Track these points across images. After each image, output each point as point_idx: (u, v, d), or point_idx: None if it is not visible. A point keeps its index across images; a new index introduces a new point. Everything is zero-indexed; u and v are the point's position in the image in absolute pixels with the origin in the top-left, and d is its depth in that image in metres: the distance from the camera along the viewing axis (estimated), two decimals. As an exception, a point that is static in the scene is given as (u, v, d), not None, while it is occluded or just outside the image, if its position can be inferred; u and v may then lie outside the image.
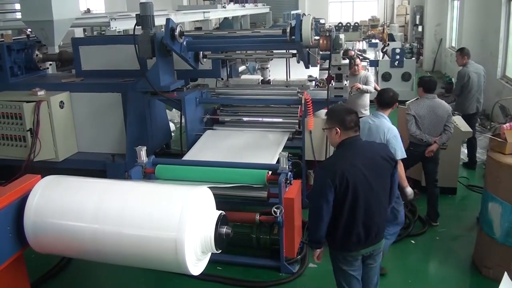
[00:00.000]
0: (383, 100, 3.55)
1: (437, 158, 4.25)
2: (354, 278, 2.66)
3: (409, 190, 3.48)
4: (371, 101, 5.38)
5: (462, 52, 5.48)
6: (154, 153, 4.46)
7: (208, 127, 4.92)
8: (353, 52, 5.43)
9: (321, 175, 2.50)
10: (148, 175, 3.67)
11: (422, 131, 4.17)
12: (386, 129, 3.42)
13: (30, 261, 2.78)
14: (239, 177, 3.51)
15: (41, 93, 4.52)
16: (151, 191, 2.38)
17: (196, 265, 2.27)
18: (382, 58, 9.63)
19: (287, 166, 3.48)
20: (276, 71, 5.35)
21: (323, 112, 4.65)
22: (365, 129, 3.47)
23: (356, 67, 5.53)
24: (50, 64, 5.63)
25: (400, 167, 3.38)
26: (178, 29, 4.16)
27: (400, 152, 3.34)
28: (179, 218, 2.13)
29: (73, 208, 2.30)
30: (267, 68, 5.08)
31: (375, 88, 5.49)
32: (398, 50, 8.60)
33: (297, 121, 4.74)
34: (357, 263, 2.65)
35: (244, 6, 13.48)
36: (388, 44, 10.40)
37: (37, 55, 5.31)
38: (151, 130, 5.02)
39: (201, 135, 4.73)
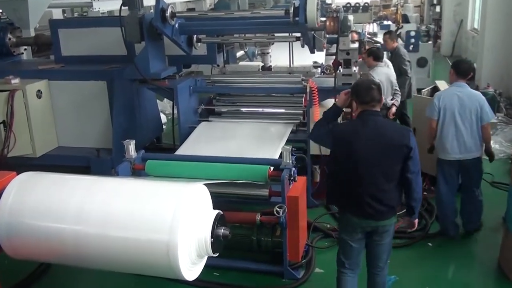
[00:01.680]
0: (462, 70, 3.93)
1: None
2: (351, 248, 3.02)
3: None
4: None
5: (391, 35, 6.16)
6: (143, 147, 4.52)
7: (203, 118, 4.92)
8: (355, 35, 5.42)
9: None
10: (137, 172, 3.68)
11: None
12: (478, 95, 3.89)
13: (3, 268, 2.77)
14: (238, 173, 3.51)
15: (15, 81, 4.46)
16: (140, 188, 2.38)
17: (190, 269, 2.27)
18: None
19: (290, 161, 3.47)
20: (278, 56, 5.33)
21: (330, 102, 4.58)
22: (455, 101, 3.85)
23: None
24: (25, 49, 5.57)
25: (487, 130, 3.85)
26: (169, 10, 4.13)
27: (491, 114, 3.85)
28: (172, 218, 2.12)
29: (52, 208, 2.27)
30: (268, 53, 5.08)
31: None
32: (413, 33, 8.55)
33: (302, 111, 4.73)
34: (357, 236, 2.98)
35: (242, -16, 13.76)
36: (402, 26, 10.33)
37: (9, 39, 5.25)
38: (140, 122, 5.04)
39: (195, 127, 4.73)
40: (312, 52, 4.59)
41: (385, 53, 5.99)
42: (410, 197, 2.93)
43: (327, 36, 4.43)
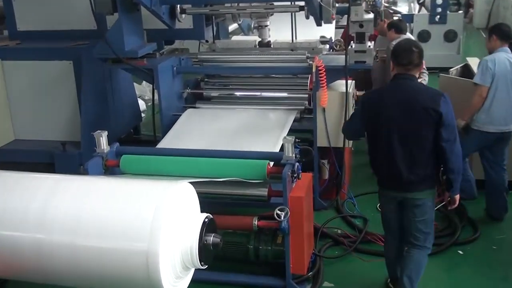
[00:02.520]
0: (505, 33, 4.26)
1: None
2: (388, 220, 3.49)
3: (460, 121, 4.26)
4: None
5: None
6: (118, 140, 4.51)
7: (189, 105, 4.99)
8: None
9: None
10: (110, 169, 3.72)
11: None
12: None
13: None
14: (231, 169, 3.55)
15: (-41, 61, 4.68)
16: (114, 189, 2.37)
17: (175, 285, 2.24)
18: (419, 11, 9.55)
19: (293, 155, 3.51)
20: (279, 30, 5.36)
21: (340, 84, 4.68)
22: (507, 66, 4.18)
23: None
24: (-28, 24, 5.80)
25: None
26: (146, -26, 4.28)
27: None
28: (152, 224, 2.11)
29: (8, 213, 2.24)
30: (266, 26, 5.10)
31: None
32: (439, 1, 8.48)
33: (307, 95, 4.80)
34: (392, 206, 3.41)
35: None
36: (427, -8, 10.56)
37: (-50, 10, 5.43)
38: (113, 110, 5.12)
39: (180, 115, 4.79)
40: (318, 24, 4.61)
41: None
42: (446, 168, 3.18)
43: (337, 5, 4.47)
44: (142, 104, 6.91)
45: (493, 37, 4.31)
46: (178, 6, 4.69)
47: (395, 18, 6.27)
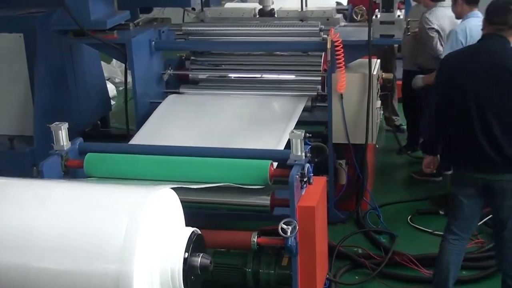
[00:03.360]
0: None
1: None
2: (461, 205, 3.61)
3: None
4: None
5: None
6: (81, 134, 4.60)
7: (171, 89, 5.03)
8: None
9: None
10: (72, 171, 3.70)
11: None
12: None
13: None
14: (224, 172, 3.55)
15: None
16: (76, 196, 2.38)
17: (152, 316, 2.34)
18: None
19: (303, 154, 3.49)
20: (284, -5, 5.62)
21: (362, 64, 4.70)
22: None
23: None
24: None
25: None
26: None
27: None
28: (124, 241, 2.12)
29: None
30: (269, -10, 5.35)
31: None
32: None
33: (320, 78, 4.85)
34: (468, 191, 3.57)
35: None
36: None
37: None
38: (75, 96, 5.11)
39: (160, 103, 4.82)
40: (334, -12, 4.87)
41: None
42: None
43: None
44: (111, 89, 6.91)
45: (458, 0, 4.70)
46: (157, -37, 4.95)
47: None
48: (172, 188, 2.47)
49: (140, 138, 4.37)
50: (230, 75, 5.23)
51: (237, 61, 5.19)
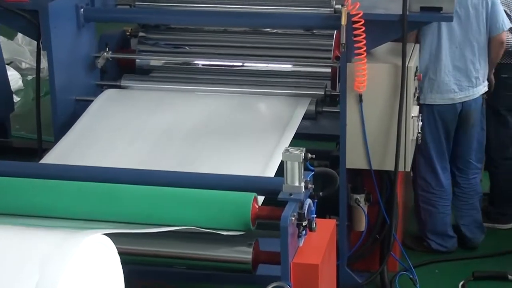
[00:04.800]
0: None
1: None
2: None
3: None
4: None
5: None
6: None
7: (108, 81, 5.12)
8: None
9: None
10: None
11: None
12: None
13: None
14: (185, 209, 3.50)
15: None
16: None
17: None
18: None
19: (302, 184, 3.46)
20: None
21: (390, 50, 4.76)
22: None
23: None
24: None
25: None
26: None
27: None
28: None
29: None
30: None
31: None
32: None
33: (329, 70, 4.91)
34: None
35: None
36: None
37: None
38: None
39: (91, 101, 4.86)
40: None
41: None
42: None
43: None
44: (15, 79, 7.05)
45: None
46: None
47: None
48: (106, 234, 2.44)
49: (58, 154, 4.34)
50: (197, 61, 5.21)
51: (207, 41, 5.21)
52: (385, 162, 4.77)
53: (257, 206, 3.47)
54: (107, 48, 5.03)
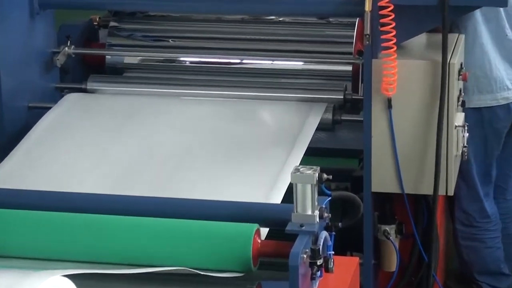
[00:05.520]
0: None
1: None
2: None
3: None
4: None
5: None
6: None
7: (70, 84, 5.09)
8: None
9: None
10: None
11: None
12: None
13: None
14: (171, 245, 3.34)
15: None
16: None
17: None
18: None
19: (316, 213, 3.34)
20: None
21: (429, 42, 4.77)
22: None
23: None
24: None
25: None
26: None
27: None
28: None
29: None
30: None
31: None
32: None
33: (349, 68, 4.89)
34: None
35: None
36: None
37: None
38: None
39: (49, 108, 4.80)
40: None
41: None
42: None
43: None
44: None
45: None
46: None
47: None
48: (69, 276, 2.39)
49: (5, 175, 4.25)
50: (183, 58, 5.13)
51: (196, 32, 5.14)
52: (421, 184, 4.66)
53: (259, 241, 3.31)
54: (69, 42, 4.93)
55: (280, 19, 5.11)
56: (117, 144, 4.49)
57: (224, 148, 4.47)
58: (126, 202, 3.74)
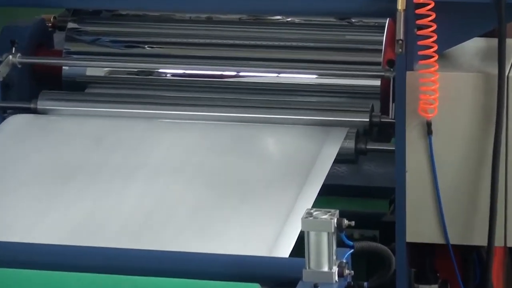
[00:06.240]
0: None
1: None
2: None
3: None
4: None
5: None
6: None
7: (15, 103, 5.18)
8: None
9: None
10: None
11: None
12: None
13: None
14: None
15: None
16: None
17: None
18: None
19: (333, 267, 3.41)
20: None
21: (479, 50, 4.69)
22: None
23: None
24: None
25: None
26: None
27: None
28: None
29: None
30: None
31: None
32: None
33: (378, 83, 4.86)
34: None
35: None
36: None
37: None
38: None
39: None
40: None
41: None
42: None
43: None
44: None
45: None
46: None
47: None
48: None
49: None
50: (163, 70, 5.08)
51: (180, 37, 5.08)
52: (471, 233, 4.60)
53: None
54: (14, 49, 4.91)
55: (288, 19, 5.11)
56: (75, 183, 4.42)
57: (217, 187, 4.42)
58: (91, 254, 3.86)
